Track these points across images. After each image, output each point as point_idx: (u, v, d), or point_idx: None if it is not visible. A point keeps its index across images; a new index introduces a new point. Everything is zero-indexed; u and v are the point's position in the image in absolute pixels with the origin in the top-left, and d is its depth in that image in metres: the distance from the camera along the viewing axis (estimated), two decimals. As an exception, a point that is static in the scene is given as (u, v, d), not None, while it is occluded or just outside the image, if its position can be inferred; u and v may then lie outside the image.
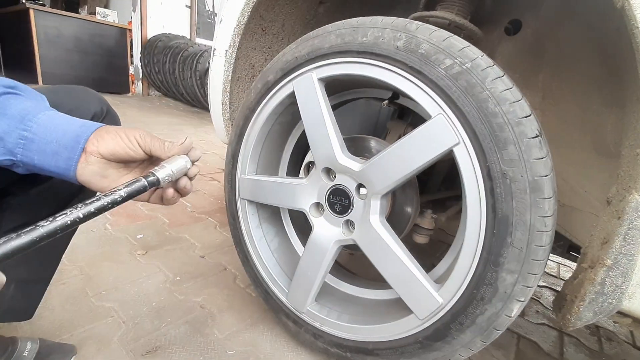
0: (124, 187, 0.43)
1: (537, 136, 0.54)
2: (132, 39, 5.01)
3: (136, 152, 0.46)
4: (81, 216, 0.38)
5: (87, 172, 0.44)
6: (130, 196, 0.43)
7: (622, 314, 0.55)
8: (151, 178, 0.45)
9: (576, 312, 0.54)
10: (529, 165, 0.53)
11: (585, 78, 0.78)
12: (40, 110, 0.42)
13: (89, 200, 0.40)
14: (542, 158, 0.53)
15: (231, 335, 0.93)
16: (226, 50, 0.98)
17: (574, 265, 1.82)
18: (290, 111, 0.86)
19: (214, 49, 1.02)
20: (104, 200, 0.41)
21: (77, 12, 4.95)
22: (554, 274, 1.68)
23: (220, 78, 1.02)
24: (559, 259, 1.86)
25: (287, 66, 0.79)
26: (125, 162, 0.48)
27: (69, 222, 0.37)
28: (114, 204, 0.42)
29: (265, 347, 0.91)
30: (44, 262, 0.70)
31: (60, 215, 0.37)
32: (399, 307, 0.73)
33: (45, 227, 0.36)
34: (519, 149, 0.53)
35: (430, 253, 1.63)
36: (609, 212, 0.56)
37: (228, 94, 1.04)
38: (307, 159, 0.89)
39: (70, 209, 0.38)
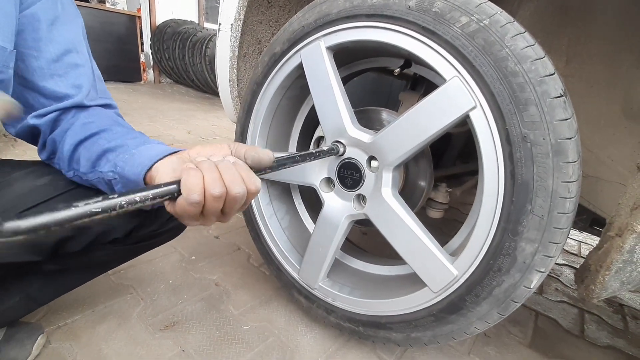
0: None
1: (561, 96, 0.50)
2: (141, 26, 5.01)
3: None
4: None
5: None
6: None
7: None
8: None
9: (601, 282, 0.51)
10: (552, 127, 0.50)
11: (615, 36, 0.72)
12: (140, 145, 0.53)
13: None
14: (566, 119, 0.50)
15: (246, 311, 0.94)
16: (232, 25, 0.95)
17: (596, 241, 1.76)
18: (298, 85, 0.84)
19: (220, 24, 0.99)
20: None
21: (88, 1, 4.97)
22: (575, 252, 1.63)
23: (227, 54, 1.00)
24: (581, 237, 1.80)
25: (294, 36, 0.76)
26: None
27: None
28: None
29: (279, 322, 0.92)
30: (57, 289, 0.74)
31: None
32: (412, 281, 0.72)
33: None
34: (541, 109, 0.50)
35: (444, 232, 1.60)
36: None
37: (235, 71, 1.02)
38: (317, 133, 0.87)
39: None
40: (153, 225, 0.69)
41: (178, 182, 0.38)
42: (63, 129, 0.56)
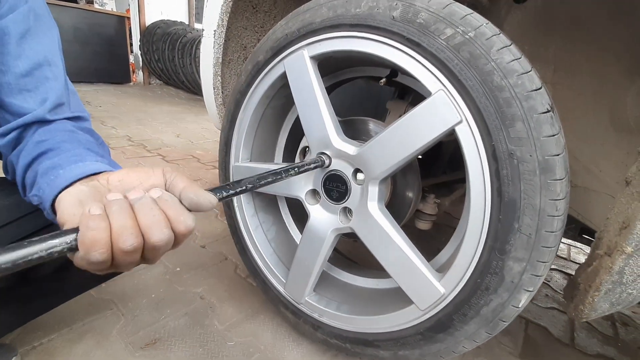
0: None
1: (548, 111, 0.48)
2: (130, 27, 4.93)
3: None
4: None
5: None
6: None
7: (641, 303, 0.51)
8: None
9: (590, 303, 0.50)
10: (539, 143, 0.48)
11: (603, 46, 0.71)
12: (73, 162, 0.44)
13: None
14: (553, 135, 0.48)
15: (231, 326, 0.92)
16: (215, 31, 0.93)
17: (585, 247, 1.76)
18: (283, 94, 0.81)
19: (203, 30, 0.96)
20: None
21: (76, 2, 4.88)
22: (565, 257, 1.63)
23: (211, 61, 0.97)
24: (570, 240, 1.81)
25: (278, 45, 0.73)
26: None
27: None
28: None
29: (266, 337, 0.89)
30: (31, 312, 0.69)
31: None
32: (400, 297, 0.70)
33: None
34: (528, 125, 0.48)
35: (436, 238, 1.59)
36: (629, 194, 0.51)
37: (219, 78, 0.99)
38: (302, 144, 0.85)
39: None
40: None
41: (77, 231, 0.30)
42: (20, 149, 0.52)
